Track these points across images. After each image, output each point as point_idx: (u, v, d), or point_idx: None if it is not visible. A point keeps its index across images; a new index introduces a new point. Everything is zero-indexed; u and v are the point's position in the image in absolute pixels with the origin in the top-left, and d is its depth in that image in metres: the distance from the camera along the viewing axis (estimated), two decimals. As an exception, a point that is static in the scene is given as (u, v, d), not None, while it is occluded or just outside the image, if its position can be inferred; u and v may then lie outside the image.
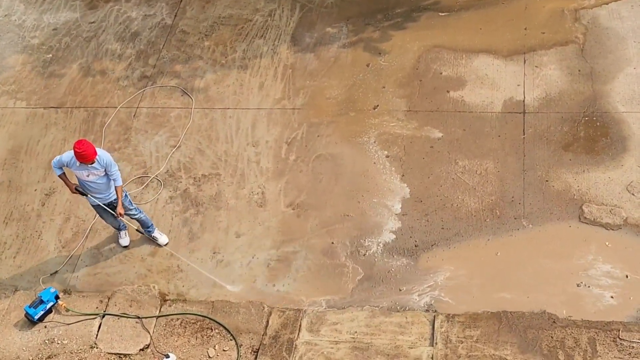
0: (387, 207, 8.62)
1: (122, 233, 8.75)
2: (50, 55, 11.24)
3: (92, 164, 7.78)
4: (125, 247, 8.75)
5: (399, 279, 8.01)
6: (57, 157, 7.98)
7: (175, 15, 11.41)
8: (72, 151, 7.76)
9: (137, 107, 10.24)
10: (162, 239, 8.70)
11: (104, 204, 8.17)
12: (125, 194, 8.26)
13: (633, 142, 8.61)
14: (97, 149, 7.78)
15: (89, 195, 8.09)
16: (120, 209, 8.09)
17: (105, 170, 7.91)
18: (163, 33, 11.17)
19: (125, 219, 8.38)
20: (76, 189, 8.10)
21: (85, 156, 7.64)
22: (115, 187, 8.09)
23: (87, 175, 7.91)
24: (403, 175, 8.86)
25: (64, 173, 8.09)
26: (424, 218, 8.44)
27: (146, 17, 11.49)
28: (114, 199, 8.17)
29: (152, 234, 8.68)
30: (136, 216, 8.41)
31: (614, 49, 9.53)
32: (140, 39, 11.16)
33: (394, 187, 8.78)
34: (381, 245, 8.31)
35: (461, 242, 8.17)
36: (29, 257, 8.89)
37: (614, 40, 9.63)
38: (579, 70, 9.42)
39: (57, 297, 8.26)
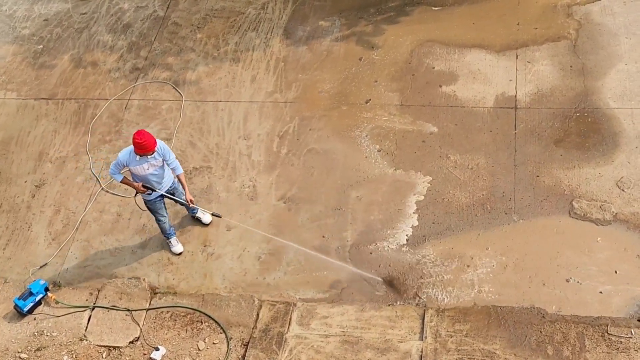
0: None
1: (173, 240, 8.47)
2: (41, 46, 11.17)
3: (152, 154, 7.57)
4: (179, 254, 8.46)
5: (389, 273, 8.01)
6: (113, 163, 7.71)
7: (168, 7, 11.36)
8: (128, 148, 7.60)
9: (129, 99, 10.19)
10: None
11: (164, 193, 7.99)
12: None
13: (624, 138, 8.64)
14: None
15: (156, 190, 7.86)
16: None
17: (162, 159, 7.73)
18: (155, 25, 11.12)
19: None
20: (143, 186, 7.81)
21: (146, 146, 7.42)
22: (178, 175, 7.96)
23: (147, 168, 7.68)
24: (395, 170, 8.86)
25: (124, 177, 7.86)
26: (415, 213, 8.45)
27: (138, 9, 11.44)
28: (170, 187, 8.02)
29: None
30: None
31: (605, 45, 9.55)
32: (132, 31, 11.11)
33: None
34: (372, 240, 8.30)
35: (452, 236, 8.18)
36: (18, 249, 8.86)
37: (606, 36, 9.65)
38: (571, 66, 9.43)
39: (46, 289, 8.24)
